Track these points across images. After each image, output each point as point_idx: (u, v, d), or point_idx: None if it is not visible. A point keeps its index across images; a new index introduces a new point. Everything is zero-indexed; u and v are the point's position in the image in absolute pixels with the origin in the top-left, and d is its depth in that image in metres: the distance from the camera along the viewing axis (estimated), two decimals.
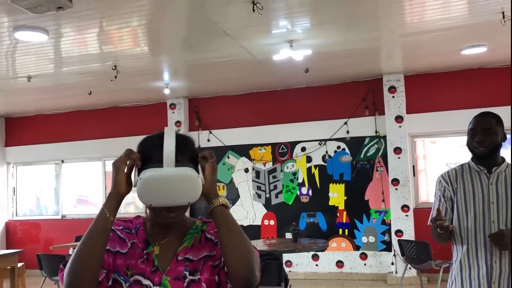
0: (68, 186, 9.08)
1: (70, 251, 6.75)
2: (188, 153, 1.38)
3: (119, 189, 1.34)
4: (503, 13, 4.58)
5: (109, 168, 8.45)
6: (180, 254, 1.42)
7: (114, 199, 1.34)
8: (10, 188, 9.46)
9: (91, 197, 9.11)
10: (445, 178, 2.50)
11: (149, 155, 1.36)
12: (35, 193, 9.44)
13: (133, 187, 1.35)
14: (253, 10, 4.02)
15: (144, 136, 1.45)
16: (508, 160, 2.44)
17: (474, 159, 2.44)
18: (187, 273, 1.40)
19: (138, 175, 1.32)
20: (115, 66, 5.90)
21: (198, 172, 1.34)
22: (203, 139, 8.18)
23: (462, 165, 2.50)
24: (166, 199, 1.30)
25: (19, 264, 5.88)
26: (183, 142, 1.39)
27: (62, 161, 9.13)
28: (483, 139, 2.34)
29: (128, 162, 1.35)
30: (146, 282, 1.38)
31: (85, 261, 1.27)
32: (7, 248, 8.97)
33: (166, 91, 7.44)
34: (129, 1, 4.03)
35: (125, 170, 1.34)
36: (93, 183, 8.89)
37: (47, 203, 9.32)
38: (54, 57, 5.59)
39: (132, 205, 8.58)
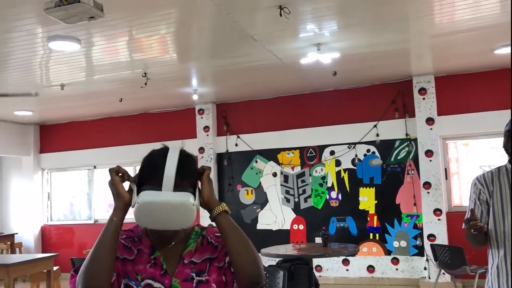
0: (100, 191, 9.26)
1: None
2: (188, 175, 1.43)
3: (124, 200, 1.42)
4: None
5: None
6: (186, 258, 1.51)
7: (120, 210, 1.42)
8: (45, 194, 9.72)
9: None
10: (481, 180, 2.43)
11: (150, 174, 1.42)
12: (69, 198, 9.68)
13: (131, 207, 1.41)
14: (280, 15, 4.03)
15: (151, 150, 1.52)
16: None
17: (510, 158, 2.38)
18: (194, 275, 1.48)
19: (137, 194, 1.37)
20: (145, 73, 6.00)
21: (195, 195, 1.40)
22: (231, 143, 8.23)
23: (499, 168, 2.44)
24: (160, 224, 1.37)
25: (55, 268, 6.03)
26: (185, 163, 1.43)
27: (95, 167, 9.33)
28: None
29: (119, 177, 1.43)
30: (157, 285, 1.45)
31: (100, 264, 1.34)
32: (42, 252, 9.22)
33: (195, 97, 7.52)
34: (158, 9, 4.10)
35: (122, 183, 1.43)
36: (125, 187, 9.02)
37: (80, 208, 9.53)
38: (86, 65, 5.73)
39: None
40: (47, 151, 9.68)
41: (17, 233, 9.35)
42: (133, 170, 8.98)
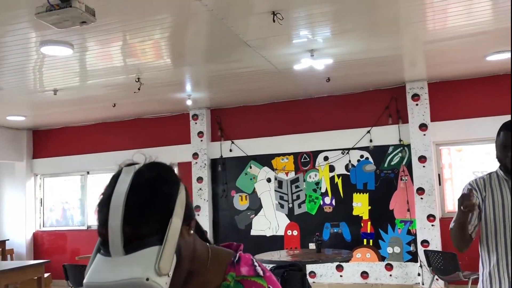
0: (94, 197, 9.21)
1: None
2: (148, 219, 0.92)
3: None
4: None
5: None
6: None
7: None
8: (38, 199, 9.66)
9: None
10: (473, 185, 2.44)
11: (100, 232, 0.95)
12: (62, 204, 9.61)
13: None
14: (273, 21, 4.04)
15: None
16: None
17: (503, 167, 2.38)
18: None
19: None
20: (138, 78, 5.99)
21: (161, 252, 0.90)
22: (225, 149, 8.21)
23: (490, 174, 2.44)
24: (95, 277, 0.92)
25: (46, 275, 5.98)
26: (140, 199, 0.92)
27: (88, 173, 9.28)
28: None
29: None
30: None
31: None
32: (34, 258, 9.14)
33: (189, 102, 7.52)
34: (151, 15, 4.09)
35: None
36: None
37: (73, 214, 9.47)
38: (80, 70, 5.72)
39: None
40: (40, 156, 9.62)
41: (8, 240, 9.26)
42: None
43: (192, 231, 1.02)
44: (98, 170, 9.09)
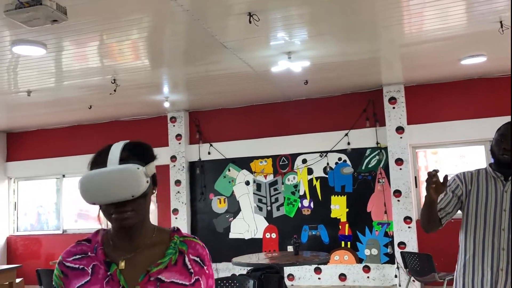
0: (69, 200, 9.05)
1: None
2: (137, 152, 1.34)
3: None
4: (501, 22, 4.58)
5: None
6: (153, 274, 1.32)
7: None
8: (11, 203, 9.44)
9: (91, 211, 9.06)
10: (460, 177, 2.48)
11: (95, 160, 1.35)
12: (36, 208, 9.42)
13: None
14: (250, 22, 4.03)
15: None
16: None
17: (494, 165, 2.43)
18: None
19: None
20: (114, 79, 5.92)
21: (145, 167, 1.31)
22: (204, 152, 8.16)
23: (478, 170, 2.49)
24: (108, 196, 1.25)
25: (18, 280, 5.83)
26: (134, 143, 1.37)
27: (63, 176, 9.11)
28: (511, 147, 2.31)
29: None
30: None
31: None
32: (8, 264, 8.92)
33: (166, 104, 7.45)
34: (128, 14, 4.04)
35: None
36: None
37: (48, 218, 9.28)
38: (55, 71, 5.61)
39: None
40: (14, 159, 9.41)
41: None
42: None
43: (154, 193, 1.39)
44: (74, 173, 8.93)
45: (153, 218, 8.45)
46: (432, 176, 2.25)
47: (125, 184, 1.25)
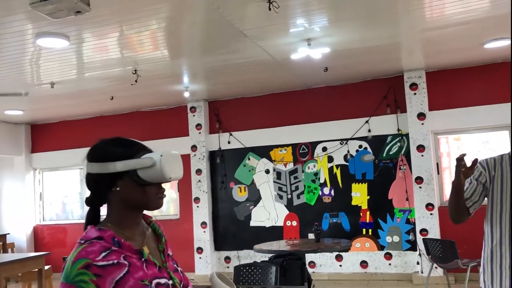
0: None
1: None
2: None
3: None
4: None
5: None
6: (167, 250, 1.51)
7: None
8: (37, 194, 9.66)
9: None
10: (483, 164, 2.45)
11: (136, 148, 1.46)
12: (61, 198, 9.62)
13: (142, 176, 1.39)
14: (269, 9, 4.02)
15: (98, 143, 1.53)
16: None
17: None
18: (176, 266, 1.50)
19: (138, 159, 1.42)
20: (135, 70, 5.98)
21: None
22: (223, 141, 8.21)
23: (502, 155, 2.45)
24: (178, 173, 1.45)
25: (46, 267, 5.99)
26: None
27: None
28: None
29: None
30: (163, 280, 1.38)
31: None
32: (35, 252, 9.15)
33: (186, 94, 7.50)
34: (147, 5, 4.07)
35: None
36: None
37: (72, 207, 9.48)
38: (76, 63, 5.69)
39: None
40: (39, 150, 9.62)
41: (9, 233, 9.28)
42: None
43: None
44: None
45: (175, 207, 8.56)
46: (460, 160, 2.26)
47: (182, 167, 1.48)
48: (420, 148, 6.98)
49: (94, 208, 1.46)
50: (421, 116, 7.01)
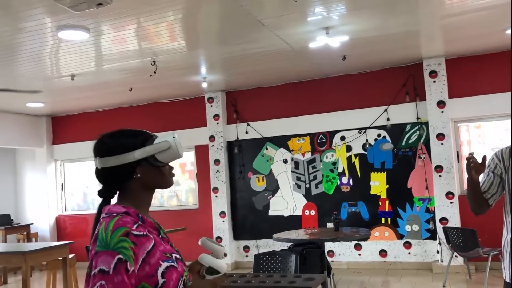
0: None
1: None
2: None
3: None
4: None
5: None
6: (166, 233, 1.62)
7: None
8: (59, 185, 9.84)
9: None
10: (498, 155, 2.44)
11: (145, 136, 1.56)
12: (82, 188, 9.78)
13: (161, 158, 1.53)
14: None
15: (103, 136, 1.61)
16: None
17: None
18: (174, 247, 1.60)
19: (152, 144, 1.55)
20: (154, 61, 6.02)
21: None
22: (241, 131, 8.24)
23: None
24: (182, 150, 1.62)
25: (70, 256, 6.12)
26: None
27: None
28: None
29: None
30: (178, 255, 1.51)
31: None
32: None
33: (204, 85, 7.53)
34: None
35: None
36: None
37: (93, 198, 9.63)
38: (95, 55, 5.76)
39: (174, 198, 8.76)
40: (60, 142, 9.78)
41: (32, 223, 9.49)
42: None
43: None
44: None
45: (194, 197, 8.64)
46: (469, 159, 2.32)
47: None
48: (440, 136, 6.91)
49: (107, 200, 1.55)
50: (441, 104, 6.93)
